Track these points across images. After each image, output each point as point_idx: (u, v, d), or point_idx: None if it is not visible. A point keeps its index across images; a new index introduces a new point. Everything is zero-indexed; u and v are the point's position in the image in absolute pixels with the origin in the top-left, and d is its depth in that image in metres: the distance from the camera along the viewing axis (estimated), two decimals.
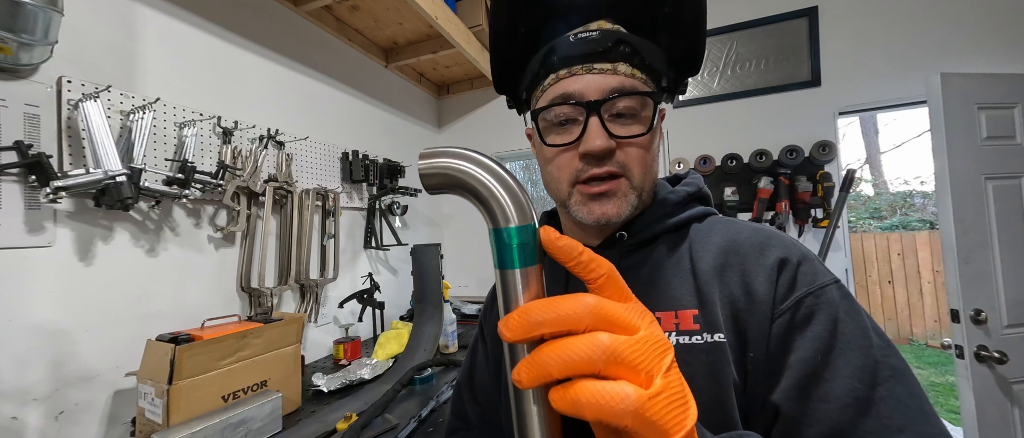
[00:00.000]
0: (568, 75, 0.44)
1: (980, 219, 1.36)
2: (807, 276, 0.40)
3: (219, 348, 1.00)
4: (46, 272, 0.97)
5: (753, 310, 0.39)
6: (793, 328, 0.38)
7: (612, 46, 0.43)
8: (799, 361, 0.36)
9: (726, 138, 2.10)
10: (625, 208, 0.44)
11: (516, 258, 0.28)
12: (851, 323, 0.37)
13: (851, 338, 0.36)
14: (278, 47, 1.63)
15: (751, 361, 0.39)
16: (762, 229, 0.46)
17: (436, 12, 1.76)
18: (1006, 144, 1.39)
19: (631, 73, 0.43)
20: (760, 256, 0.42)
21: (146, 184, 1.09)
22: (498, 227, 0.29)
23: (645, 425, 0.21)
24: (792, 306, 0.38)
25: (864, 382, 0.34)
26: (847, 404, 0.34)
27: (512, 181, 0.29)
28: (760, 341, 0.38)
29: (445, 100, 2.80)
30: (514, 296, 0.28)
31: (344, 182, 1.90)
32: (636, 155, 0.44)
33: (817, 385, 0.35)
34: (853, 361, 0.35)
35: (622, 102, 0.43)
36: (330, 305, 1.76)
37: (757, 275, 0.41)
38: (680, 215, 0.49)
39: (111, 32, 1.11)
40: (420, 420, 1.11)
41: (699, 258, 0.45)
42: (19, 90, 0.93)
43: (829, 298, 0.38)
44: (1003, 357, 1.28)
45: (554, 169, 0.47)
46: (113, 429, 1.05)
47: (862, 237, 4.70)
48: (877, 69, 1.87)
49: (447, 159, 0.29)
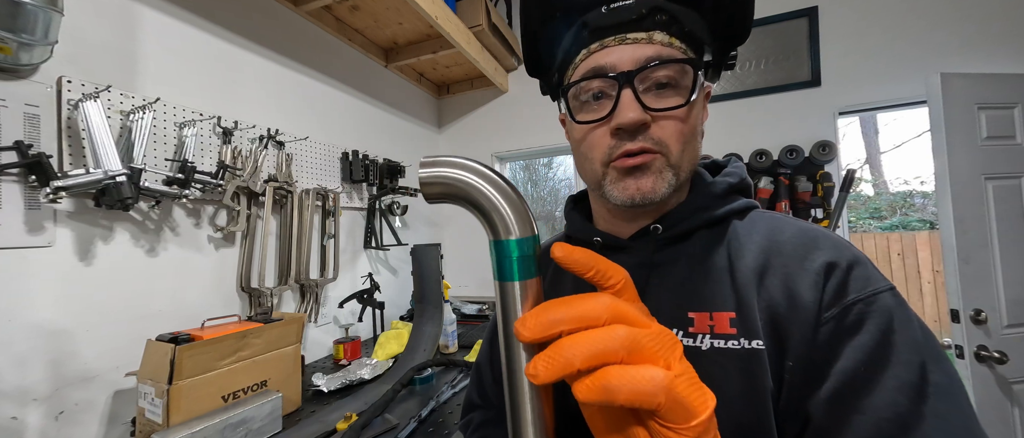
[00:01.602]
0: (600, 48, 0.41)
1: (980, 219, 1.36)
2: (858, 281, 0.36)
3: (219, 348, 1.00)
4: (46, 272, 0.97)
5: (795, 317, 0.36)
6: (840, 336, 0.35)
7: (647, 13, 0.40)
8: (841, 371, 0.34)
9: (726, 138, 2.10)
10: (662, 185, 0.41)
11: (516, 270, 0.28)
12: (904, 334, 0.34)
13: (901, 350, 0.33)
14: (278, 47, 1.62)
15: (789, 370, 0.36)
16: (808, 229, 0.42)
17: (436, 12, 1.76)
18: (1006, 144, 1.39)
19: (669, 42, 0.40)
20: (805, 259, 0.38)
21: (146, 184, 1.09)
22: (499, 239, 0.28)
23: (676, 403, 0.22)
24: (839, 313, 0.35)
25: (909, 398, 0.31)
26: (886, 419, 0.31)
27: (514, 193, 0.29)
28: (801, 349, 0.36)
29: (445, 100, 2.80)
30: (513, 308, 0.28)
31: (344, 182, 1.90)
32: (673, 129, 0.40)
33: (858, 396, 0.33)
34: (901, 375, 0.32)
35: (658, 72, 0.39)
36: (330, 305, 1.76)
37: (802, 280, 0.37)
38: (720, 209, 0.45)
39: (111, 32, 1.11)
40: (420, 420, 1.11)
41: (738, 257, 0.41)
42: (19, 90, 0.93)
43: (882, 305, 0.35)
44: (1003, 357, 1.28)
45: (586, 148, 0.44)
46: (113, 429, 1.05)
47: (862, 237, 4.70)
48: (877, 69, 1.87)
49: (449, 169, 0.28)
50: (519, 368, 0.28)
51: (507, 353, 0.29)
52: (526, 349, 0.27)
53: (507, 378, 0.29)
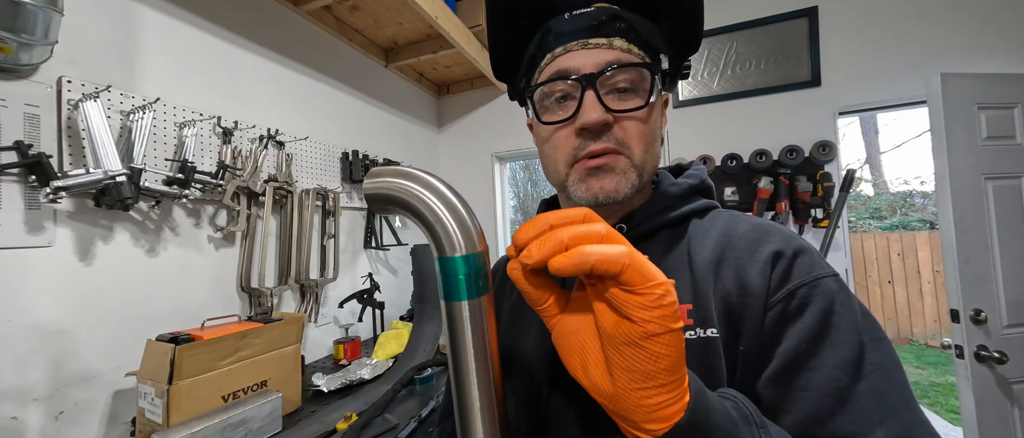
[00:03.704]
0: (564, 52, 0.43)
1: (980, 219, 1.36)
2: (802, 268, 0.39)
3: (219, 348, 1.00)
4: (46, 272, 0.97)
5: (746, 304, 0.39)
6: (785, 319, 0.37)
7: (607, 20, 0.42)
8: (785, 351, 0.36)
9: (726, 138, 2.10)
10: (624, 186, 0.43)
11: (464, 289, 0.27)
12: (845, 315, 0.36)
13: (842, 330, 0.36)
14: (278, 47, 1.62)
15: (741, 354, 0.38)
16: (760, 223, 0.44)
17: (436, 12, 1.76)
18: (1006, 144, 1.39)
19: (627, 48, 0.43)
20: (756, 251, 0.41)
21: (146, 184, 1.09)
22: (444, 256, 0.27)
23: (638, 268, 0.25)
24: (784, 297, 0.38)
25: (848, 374, 0.34)
26: (827, 394, 0.33)
27: (461, 206, 0.28)
28: (751, 334, 0.38)
29: (445, 100, 2.80)
30: (462, 331, 0.27)
31: (344, 182, 1.90)
32: (635, 130, 0.43)
33: (800, 374, 0.35)
34: (840, 353, 0.35)
35: (618, 76, 0.42)
36: (330, 305, 1.76)
37: (751, 269, 0.40)
38: (681, 209, 0.47)
39: (111, 32, 1.11)
40: (420, 420, 1.11)
41: (696, 252, 0.43)
42: (19, 90, 0.93)
43: (824, 289, 0.37)
44: (1003, 357, 1.28)
45: (550, 149, 0.46)
46: (113, 429, 1.05)
47: (862, 237, 4.71)
48: (877, 69, 1.87)
49: (393, 178, 0.27)
50: (470, 401, 0.28)
51: (457, 379, 0.28)
52: (478, 366, 0.28)
53: (458, 409, 0.29)
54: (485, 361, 0.29)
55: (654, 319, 0.25)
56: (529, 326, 0.48)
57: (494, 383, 0.30)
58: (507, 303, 0.54)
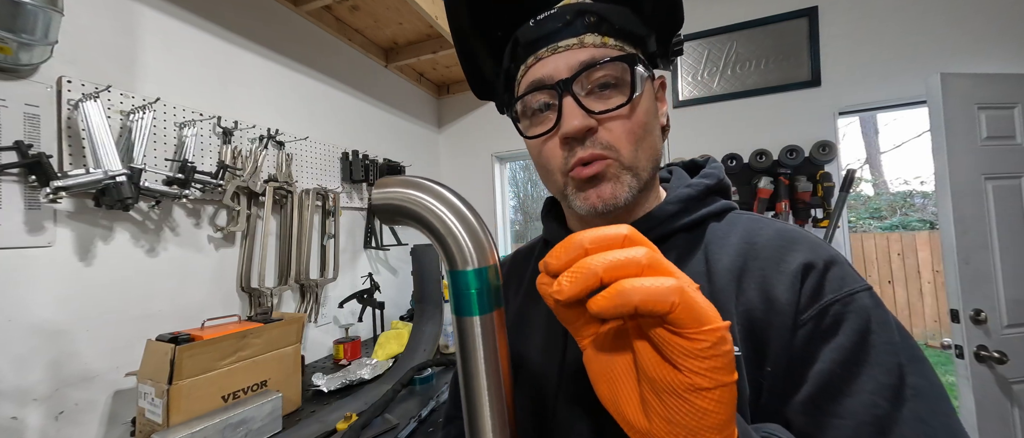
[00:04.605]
0: (536, 61, 0.41)
1: (980, 219, 1.36)
2: (834, 281, 0.35)
3: (219, 348, 1.00)
4: (46, 272, 0.97)
5: (773, 321, 0.36)
6: (817, 338, 0.34)
7: (573, 19, 0.40)
8: (818, 373, 0.33)
9: (726, 138, 2.10)
10: (622, 190, 0.40)
11: (475, 304, 0.26)
12: (882, 334, 0.33)
13: (880, 350, 0.33)
14: (278, 47, 1.62)
15: (767, 375, 0.35)
16: (785, 229, 0.41)
17: (436, 12, 1.76)
18: (1006, 144, 1.39)
19: (602, 42, 0.40)
20: (782, 261, 0.37)
21: (146, 184, 1.09)
22: (455, 269, 0.26)
23: (689, 307, 0.22)
24: (816, 314, 0.35)
25: (887, 399, 0.31)
26: (865, 422, 0.31)
27: (473, 218, 0.27)
28: (780, 354, 0.35)
29: (445, 100, 2.80)
30: (474, 346, 0.27)
31: (344, 182, 1.90)
32: (621, 129, 0.40)
33: (836, 400, 0.32)
34: (878, 377, 0.32)
35: (596, 74, 0.39)
36: (330, 305, 1.76)
37: (778, 282, 0.36)
38: (697, 212, 0.44)
39: (111, 32, 1.11)
40: (420, 420, 1.11)
41: (716, 260, 0.40)
42: (19, 90, 0.93)
43: (859, 306, 0.34)
44: (1003, 357, 1.28)
45: (544, 161, 0.44)
46: (113, 429, 1.05)
47: (862, 237, 4.70)
48: (877, 69, 1.87)
49: (402, 188, 0.26)
50: (482, 420, 0.27)
51: (467, 395, 0.27)
52: (490, 382, 0.27)
53: (469, 426, 0.28)
54: (496, 377, 0.28)
55: (704, 371, 0.22)
56: (533, 332, 0.47)
57: (505, 400, 0.29)
58: (513, 303, 0.53)
